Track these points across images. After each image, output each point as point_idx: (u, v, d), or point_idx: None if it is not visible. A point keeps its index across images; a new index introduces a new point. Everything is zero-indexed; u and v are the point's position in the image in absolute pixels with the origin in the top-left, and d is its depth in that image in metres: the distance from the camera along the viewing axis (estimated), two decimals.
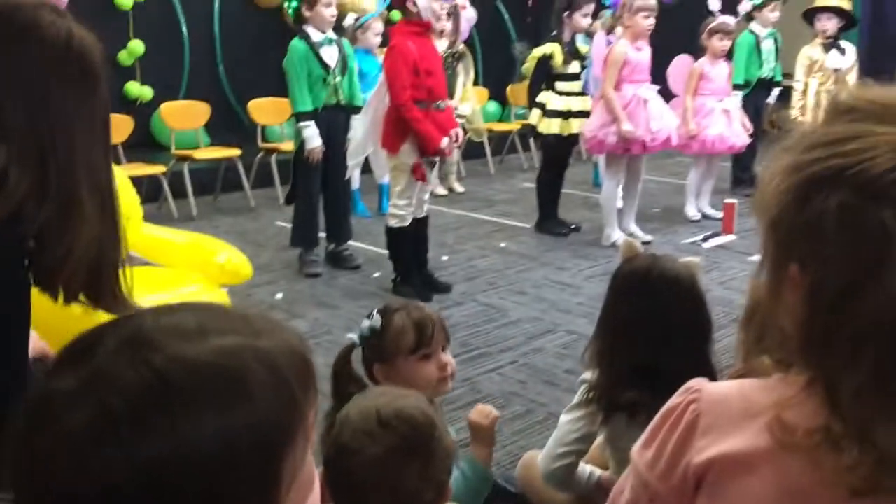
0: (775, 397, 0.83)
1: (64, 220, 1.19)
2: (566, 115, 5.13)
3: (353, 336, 1.77)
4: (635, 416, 1.82)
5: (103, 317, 1.01)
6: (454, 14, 6.00)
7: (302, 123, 4.44)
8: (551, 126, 5.15)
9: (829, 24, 6.09)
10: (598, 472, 2.08)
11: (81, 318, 1.21)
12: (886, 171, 0.74)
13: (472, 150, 7.57)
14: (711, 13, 5.55)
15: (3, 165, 1.15)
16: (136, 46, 6.65)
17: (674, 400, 0.91)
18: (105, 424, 0.58)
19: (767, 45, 6.26)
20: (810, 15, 6.26)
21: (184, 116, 6.24)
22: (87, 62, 1.24)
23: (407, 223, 4.12)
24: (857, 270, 0.75)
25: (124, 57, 6.64)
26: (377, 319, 1.75)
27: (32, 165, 1.18)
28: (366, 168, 5.05)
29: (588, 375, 1.98)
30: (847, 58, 6.12)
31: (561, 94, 5.14)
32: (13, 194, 1.14)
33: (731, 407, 0.86)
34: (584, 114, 5.12)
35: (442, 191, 6.45)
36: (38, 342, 1.59)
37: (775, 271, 0.83)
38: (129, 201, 3.79)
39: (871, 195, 0.75)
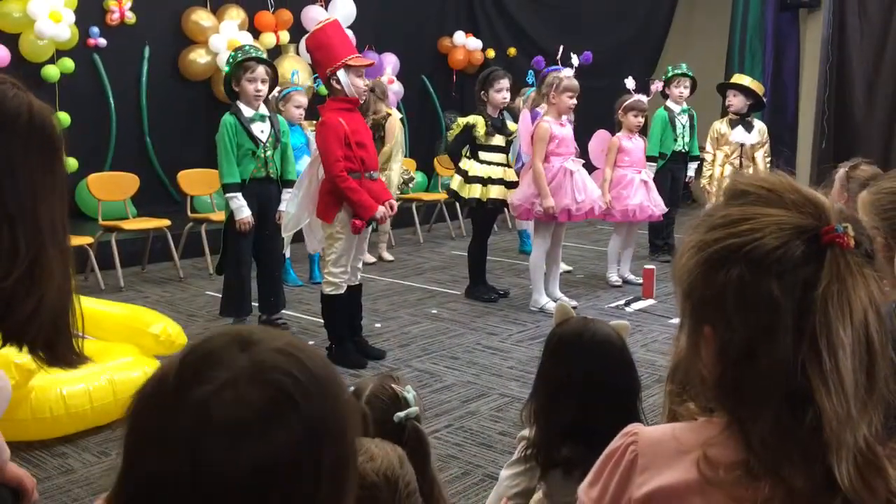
0: (702, 437, 0.95)
1: (33, 279, 1.25)
2: (485, 181, 5.35)
3: (413, 409, 1.69)
4: (571, 471, 1.91)
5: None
6: (372, 98, 6.17)
7: (228, 195, 4.51)
8: (472, 191, 5.36)
9: (735, 101, 6.57)
10: None
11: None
12: (773, 249, 0.89)
13: (401, 220, 7.72)
14: (628, 91, 5.91)
15: None
16: (63, 118, 6.62)
17: (615, 443, 1.03)
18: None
19: (682, 120, 6.69)
20: (724, 91, 6.77)
21: (111, 187, 6.20)
22: (47, 132, 1.32)
23: (342, 290, 4.20)
24: (755, 333, 0.90)
25: None
26: (409, 389, 1.72)
27: (1, 231, 1.24)
28: (297, 237, 5.12)
29: (526, 432, 2.07)
30: (753, 135, 6.58)
31: (482, 162, 5.37)
32: None
33: (665, 447, 0.98)
34: (504, 182, 5.35)
35: (371, 259, 6.55)
36: (18, 470, 1.57)
37: (692, 331, 0.98)
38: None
39: (762, 269, 0.89)
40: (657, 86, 6.29)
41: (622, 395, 1.99)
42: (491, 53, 9.50)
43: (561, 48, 5.37)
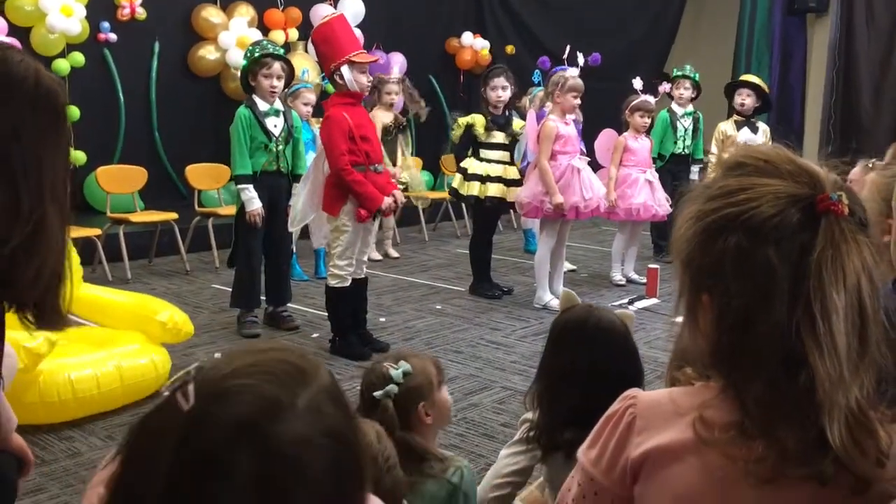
0: (698, 400, 0.98)
1: (35, 243, 1.28)
2: (484, 179, 5.38)
3: (391, 386, 1.81)
4: (572, 455, 1.94)
5: None
6: (406, 90, 6.36)
7: (240, 186, 4.55)
8: (471, 188, 5.40)
9: (749, 101, 6.58)
10: None
11: None
12: (770, 217, 0.92)
13: (406, 218, 7.77)
14: (635, 91, 5.94)
15: None
16: (72, 111, 6.67)
17: (614, 406, 1.06)
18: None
19: (684, 123, 6.70)
20: (731, 91, 6.77)
21: (119, 181, 6.25)
22: (52, 97, 1.36)
23: (347, 283, 4.24)
24: (752, 298, 0.93)
25: None
26: (404, 364, 1.84)
27: (5, 189, 1.27)
28: (303, 233, 5.16)
29: (529, 415, 2.10)
30: (759, 136, 6.60)
31: (482, 160, 5.40)
32: None
33: (662, 409, 1.01)
34: (504, 180, 5.38)
35: (377, 256, 6.59)
36: (19, 440, 1.60)
37: (690, 301, 1.01)
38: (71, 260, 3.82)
39: (759, 237, 0.92)
40: (665, 87, 6.32)
41: (626, 381, 2.01)
42: (485, 51, 9.51)
43: (567, 48, 5.40)
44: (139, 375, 3.44)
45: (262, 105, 4.58)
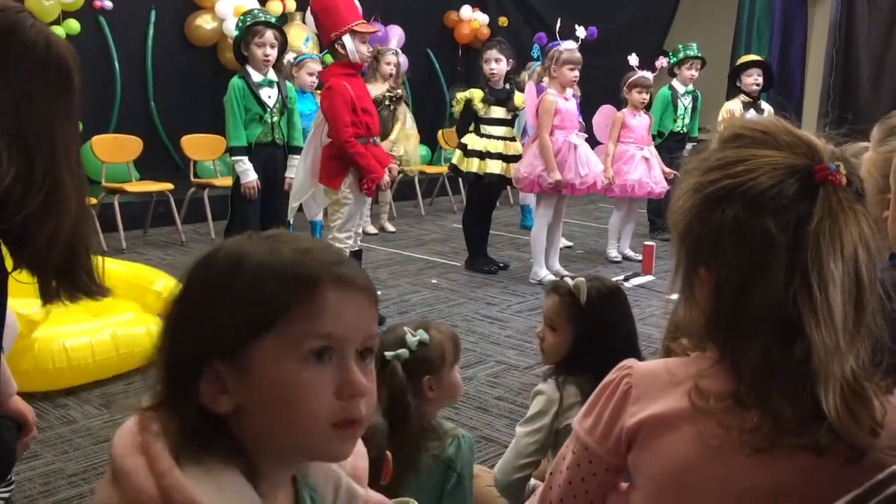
0: (694, 370, 0.98)
1: (50, 205, 1.27)
2: (483, 155, 5.36)
3: (403, 350, 1.81)
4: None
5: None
6: (397, 62, 6.34)
7: (234, 158, 4.53)
8: (470, 165, 5.37)
9: (760, 80, 6.50)
10: (535, 482, 2.19)
11: None
12: (768, 188, 0.92)
13: (403, 193, 7.75)
14: (632, 68, 5.90)
15: None
16: None
17: (609, 376, 1.06)
18: None
19: (685, 102, 6.67)
20: (739, 71, 6.68)
21: (114, 150, 6.21)
22: (64, 63, 1.35)
23: (347, 255, 4.23)
24: (750, 268, 0.93)
25: None
26: (423, 333, 1.83)
27: (18, 155, 1.26)
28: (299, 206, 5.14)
29: (542, 387, 2.09)
30: (765, 116, 6.57)
31: (483, 136, 5.37)
32: (3, 178, 1.22)
33: (658, 378, 1.02)
34: (504, 157, 5.36)
35: (373, 229, 6.58)
36: (21, 403, 1.60)
37: (687, 274, 1.01)
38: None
39: (757, 208, 0.92)
40: (661, 62, 6.28)
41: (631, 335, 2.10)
42: (476, 23, 9.44)
43: (559, 22, 5.35)
44: (134, 344, 3.43)
45: (256, 76, 4.54)
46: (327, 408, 0.81)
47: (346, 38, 4.05)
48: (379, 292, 3.79)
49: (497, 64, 5.29)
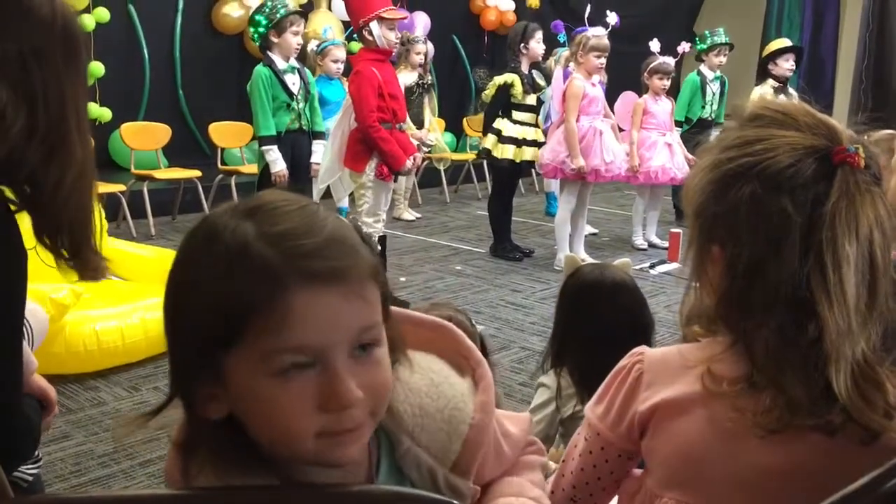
0: (706, 354, 0.99)
1: (53, 155, 1.28)
2: (520, 142, 5.34)
3: None
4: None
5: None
6: (426, 51, 6.36)
7: (265, 147, 4.55)
8: (505, 152, 5.35)
9: (794, 65, 6.44)
10: (552, 464, 2.20)
11: None
12: (786, 167, 0.92)
13: (428, 179, 7.76)
14: (653, 53, 5.85)
15: (2, 105, 1.25)
16: (97, 68, 6.69)
17: (622, 363, 1.07)
18: None
19: (713, 88, 6.60)
20: (768, 60, 6.60)
21: (143, 137, 6.29)
22: (69, 23, 1.36)
23: (375, 239, 4.27)
24: (764, 247, 0.92)
25: None
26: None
27: (24, 110, 1.28)
28: (325, 192, 5.17)
29: (545, 379, 2.10)
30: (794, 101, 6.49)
31: (516, 122, 5.35)
32: (10, 130, 1.24)
33: (670, 363, 1.02)
34: (537, 143, 5.34)
35: (410, 216, 6.62)
36: (42, 381, 1.62)
37: (700, 251, 1.01)
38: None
39: (775, 186, 0.92)
40: (684, 47, 6.21)
41: (639, 333, 2.03)
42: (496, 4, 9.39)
43: (588, 7, 5.30)
44: (162, 328, 3.48)
45: (281, 63, 4.57)
46: (309, 423, 0.72)
47: (374, 25, 4.07)
48: (402, 279, 3.82)
49: (539, 45, 5.28)
